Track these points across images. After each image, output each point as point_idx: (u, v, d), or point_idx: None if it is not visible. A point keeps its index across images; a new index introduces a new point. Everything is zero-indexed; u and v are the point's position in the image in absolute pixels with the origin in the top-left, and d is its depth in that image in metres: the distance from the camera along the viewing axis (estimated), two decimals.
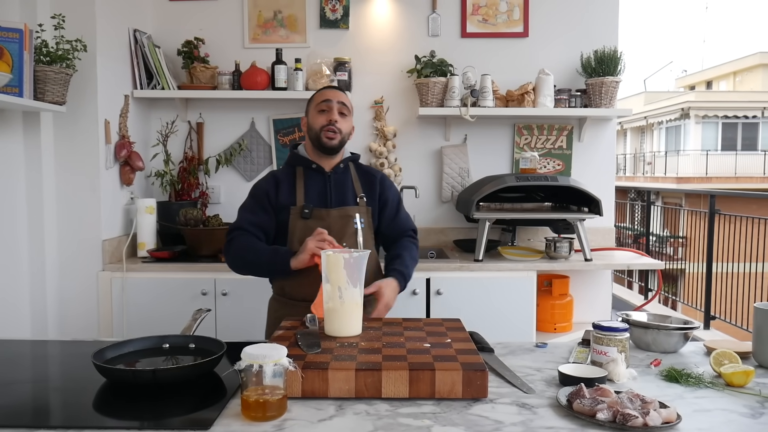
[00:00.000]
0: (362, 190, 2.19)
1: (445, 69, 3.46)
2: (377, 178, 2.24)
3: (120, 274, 3.03)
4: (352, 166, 2.25)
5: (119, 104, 3.22)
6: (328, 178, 2.16)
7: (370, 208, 2.19)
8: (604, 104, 3.44)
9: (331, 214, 2.12)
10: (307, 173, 2.18)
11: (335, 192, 2.15)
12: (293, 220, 2.11)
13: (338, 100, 2.14)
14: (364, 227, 2.10)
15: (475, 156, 3.64)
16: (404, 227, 2.28)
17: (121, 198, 3.24)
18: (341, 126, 2.13)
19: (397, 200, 2.28)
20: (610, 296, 3.71)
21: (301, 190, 2.14)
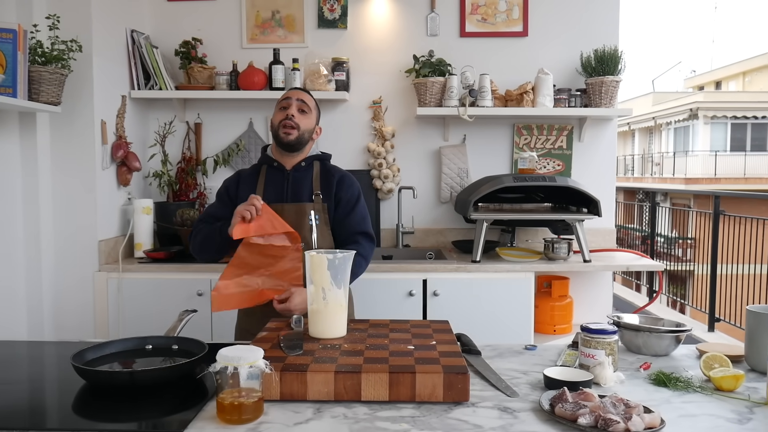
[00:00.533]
0: (320, 188, 2.24)
1: (444, 69, 3.44)
2: (335, 176, 2.27)
3: (116, 274, 3.03)
4: (318, 165, 2.30)
5: (116, 105, 3.22)
6: (287, 175, 2.24)
7: (326, 205, 2.23)
8: (604, 104, 3.40)
9: (285, 209, 2.18)
10: (269, 171, 2.27)
11: (292, 189, 2.22)
12: None
13: (297, 98, 2.23)
14: (319, 224, 2.18)
15: (475, 156, 3.62)
16: (353, 229, 2.25)
17: (118, 198, 3.24)
18: (299, 121, 2.19)
19: (354, 200, 2.27)
20: (611, 298, 3.68)
21: (261, 186, 2.24)
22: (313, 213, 2.18)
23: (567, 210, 3.33)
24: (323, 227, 2.21)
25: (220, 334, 3.01)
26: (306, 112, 2.22)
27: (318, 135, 2.32)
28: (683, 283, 9.58)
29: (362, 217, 2.27)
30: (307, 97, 2.27)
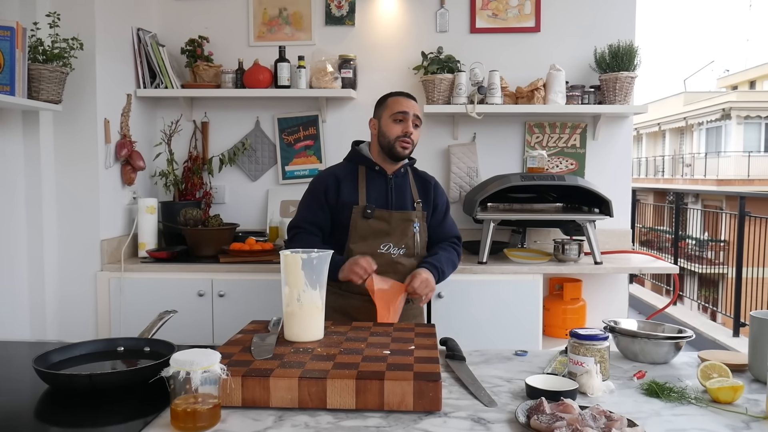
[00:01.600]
0: (419, 195, 2.33)
1: (453, 65, 3.35)
2: (432, 184, 2.39)
3: (118, 274, 3.01)
4: (410, 171, 2.38)
5: (121, 103, 3.20)
6: (390, 181, 2.28)
7: (425, 213, 2.33)
8: (618, 100, 3.28)
9: (393, 216, 2.24)
10: (369, 174, 2.29)
11: (396, 195, 2.28)
12: (355, 218, 2.22)
13: (414, 113, 2.26)
14: (418, 230, 2.28)
15: (485, 155, 3.53)
16: (448, 233, 2.41)
17: (122, 198, 3.23)
18: (415, 138, 2.27)
19: (446, 207, 2.42)
20: (626, 301, 3.55)
21: (363, 189, 2.25)
22: (417, 220, 2.27)
23: (578, 210, 3.22)
24: (422, 233, 2.31)
25: (220, 336, 2.98)
26: (418, 126, 2.29)
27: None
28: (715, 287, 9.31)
29: (452, 221, 2.45)
30: (419, 110, 2.30)
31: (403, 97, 2.30)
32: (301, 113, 3.55)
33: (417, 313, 2.39)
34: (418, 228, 2.27)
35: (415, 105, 2.30)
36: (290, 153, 3.57)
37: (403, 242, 2.24)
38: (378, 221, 2.23)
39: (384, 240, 2.23)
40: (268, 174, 3.60)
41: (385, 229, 2.22)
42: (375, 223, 2.22)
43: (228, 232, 3.24)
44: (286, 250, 1.49)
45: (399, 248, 2.24)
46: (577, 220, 3.01)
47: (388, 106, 2.28)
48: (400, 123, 2.23)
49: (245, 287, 2.97)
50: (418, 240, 2.28)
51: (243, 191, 3.60)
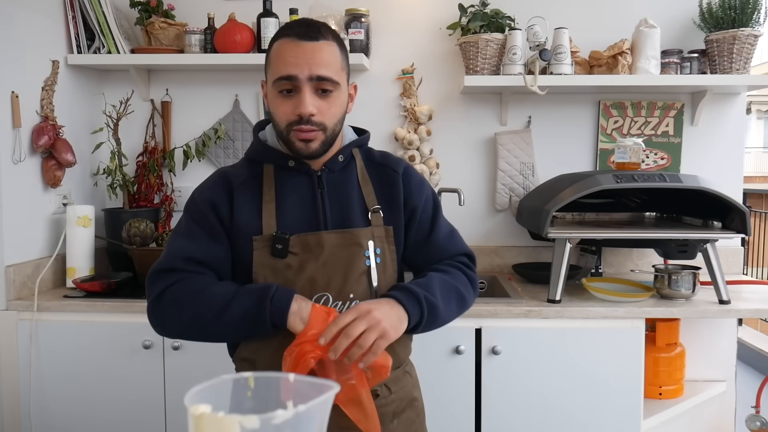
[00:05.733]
0: (378, 197, 1.32)
1: (503, 22, 2.42)
2: (399, 173, 1.35)
3: (29, 315, 2.09)
4: (359, 155, 1.36)
5: (42, 73, 2.28)
6: (318, 181, 1.29)
7: (391, 228, 1.31)
8: (735, 69, 2.35)
9: (326, 244, 1.25)
10: (282, 176, 1.29)
11: (332, 203, 1.29)
12: (259, 257, 1.24)
13: (311, 74, 1.19)
14: (380, 262, 1.29)
15: (543, 146, 2.60)
16: (444, 251, 1.38)
17: (43, 205, 2.31)
18: (324, 116, 1.22)
19: (432, 207, 1.38)
20: (735, 345, 2.60)
21: (270, 205, 1.27)
22: (372, 245, 1.28)
23: (682, 223, 2.29)
24: (387, 265, 1.30)
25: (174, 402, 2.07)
26: (330, 91, 1.21)
27: (353, 100, 1.33)
28: None
29: (449, 231, 1.41)
30: (326, 56, 1.21)
31: (291, 40, 1.20)
32: None
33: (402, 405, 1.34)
34: (378, 256, 1.28)
35: (325, 48, 1.21)
36: None
37: (350, 288, 1.25)
38: (299, 256, 1.23)
39: (315, 289, 1.24)
40: None
41: (314, 268, 1.23)
42: (294, 260, 1.23)
43: None
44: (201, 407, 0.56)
45: (347, 301, 1.25)
46: (694, 239, 2.07)
47: (270, 61, 1.25)
48: (289, 97, 1.21)
49: None
50: (381, 278, 1.27)
51: None
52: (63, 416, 2.10)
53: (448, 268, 1.34)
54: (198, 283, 1.22)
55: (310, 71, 1.18)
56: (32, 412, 2.09)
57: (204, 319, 1.19)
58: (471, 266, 1.39)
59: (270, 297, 1.16)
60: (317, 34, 1.21)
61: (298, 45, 1.19)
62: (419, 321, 1.22)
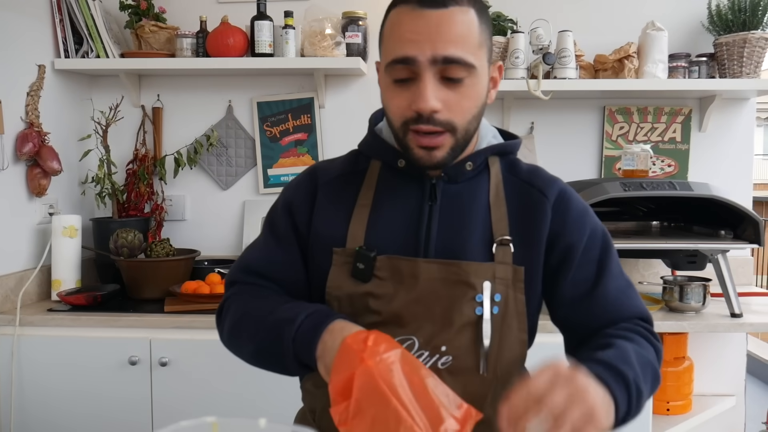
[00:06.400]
0: (509, 225, 1.00)
1: (505, 25, 2.35)
2: (548, 198, 1.01)
3: (11, 329, 2.00)
4: (498, 166, 1.04)
5: (27, 78, 2.20)
6: (431, 191, 1.01)
7: (522, 269, 0.98)
8: (746, 73, 2.27)
9: (422, 275, 0.96)
10: (388, 178, 1.04)
11: (441, 223, 1.00)
12: (336, 276, 0.99)
13: (435, 55, 0.90)
14: (498, 313, 0.96)
15: (547, 153, 2.52)
16: (618, 313, 1.00)
17: (29, 214, 2.22)
18: (452, 113, 0.92)
19: (600, 251, 1.02)
20: (744, 359, 2.52)
21: (364, 211, 1.01)
22: (488, 287, 0.95)
23: (691, 232, 2.21)
24: (509, 318, 0.98)
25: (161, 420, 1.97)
26: (461, 78, 0.92)
27: (497, 86, 1.04)
28: None
29: (626, 283, 1.03)
30: (457, 28, 0.90)
31: (411, 7, 0.91)
32: (290, 95, 2.54)
33: None
34: (496, 305, 0.95)
35: (457, 17, 0.90)
36: (275, 150, 2.55)
37: (446, 338, 0.95)
38: (387, 283, 0.97)
39: (397, 330, 0.95)
40: (245, 180, 2.58)
41: (403, 303, 0.96)
42: (381, 288, 0.97)
43: (182, 264, 2.24)
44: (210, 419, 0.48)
45: (436, 354, 0.95)
46: (705, 249, 1.98)
47: (384, 36, 0.98)
48: (405, 86, 0.93)
49: (199, 351, 1.96)
50: (496, 336, 0.96)
51: (210, 204, 2.59)
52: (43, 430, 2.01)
53: (633, 336, 0.95)
54: (249, 300, 1.03)
55: (434, 51, 0.89)
56: (13, 428, 2.00)
57: (241, 347, 1.01)
58: (653, 333, 1.00)
59: (292, 336, 0.90)
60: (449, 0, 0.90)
61: (420, 15, 0.90)
62: (626, 413, 0.85)
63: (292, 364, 0.91)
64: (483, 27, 0.93)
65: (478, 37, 0.92)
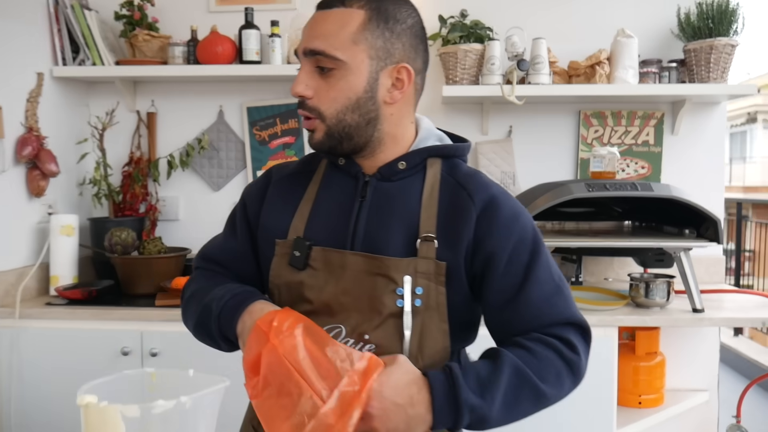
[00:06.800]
0: (437, 223, 1.03)
1: (482, 32, 2.45)
2: (475, 203, 1.04)
3: (10, 322, 2.12)
4: (439, 168, 1.08)
5: (26, 85, 2.32)
6: (363, 188, 1.08)
7: (444, 265, 1.01)
8: (713, 78, 2.36)
9: (349, 266, 1.02)
10: (332, 174, 1.12)
11: (369, 218, 1.05)
12: (277, 265, 1.07)
13: (306, 47, 1.01)
14: (421, 305, 1.00)
15: (524, 155, 2.61)
16: (538, 320, 1.02)
17: (29, 214, 2.34)
18: (320, 100, 1.02)
19: (528, 255, 1.03)
20: (717, 354, 2.60)
21: (306, 206, 1.09)
22: (410, 282, 1.00)
23: (661, 232, 2.30)
24: (433, 311, 1.01)
25: None
26: (329, 69, 1.00)
27: (403, 88, 1.04)
28: None
29: (554, 288, 1.04)
30: (330, 26, 1.00)
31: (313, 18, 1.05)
32: (278, 100, 2.65)
33: None
34: (417, 297, 1.00)
35: (333, 16, 1.01)
36: (264, 153, 2.67)
37: (369, 327, 1.00)
38: (321, 274, 1.04)
39: (330, 317, 1.02)
40: (236, 181, 2.69)
41: (333, 293, 1.02)
42: (315, 278, 1.04)
43: (173, 261, 2.35)
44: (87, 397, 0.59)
45: (361, 342, 1.01)
46: (666, 247, 2.08)
47: None
48: None
49: (187, 343, 2.06)
50: (418, 328, 1.00)
51: (202, 204, 2.70)
52: (41, 420, 2.12)
53: (536, 347, 0.99)
54: (199, 282, 1.15)
55: (305, 44, 1.01)
56: (12, 415, 2.12)
57: (188, 323, 1.13)
58: (573, 345, 1.01)
59: (217, 314, 1.03)
60: (335, 1, 1.02)
61: (314, 16, 1.04)
62: (451, 428, 0.94)
63: (220, 339, 1.04)
64: (371, 29, 1.00)
65: (356, 36, 1.00)
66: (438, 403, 0.90)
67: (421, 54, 1.08)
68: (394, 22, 1.02)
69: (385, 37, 1.01)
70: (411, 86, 1.05)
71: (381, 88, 1.03)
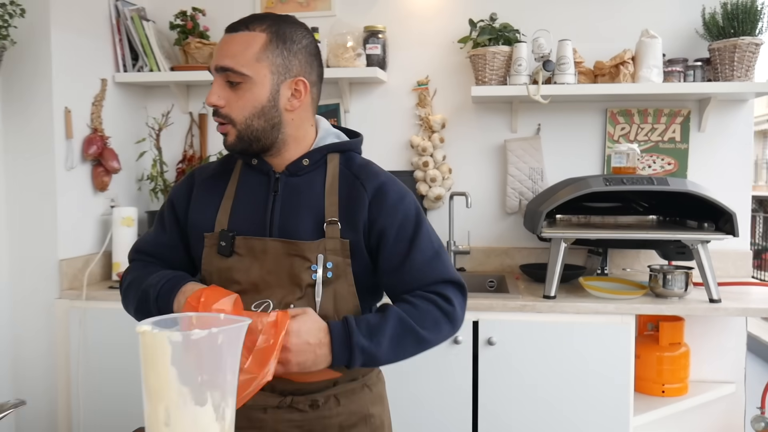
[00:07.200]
0: (339, 209, 1.23)
1: (510, 35, 2.57)
2: (366, 191, 1.24)
3: (79, 303, 2.37)
4: (337, 161, 1.27)
5: (92, 90, 2.57)
6: (275, 183, 1.26)
7: (347, 242, 1.22)
8: (737, 76, 2.42)
9: (270, 250, 1.21)
10: (247, 173, 1.29)
11: (282, 209, 1.23)
12: (207, 255, 1.25)
13: (217, 64, 1.18)
14: (331, 276, 1.20)
15: (552, 152, 2.72)
16: (421, 280, 1.23)
17: (93, 207, 2.59)
18: (231, 109, 1.18)
19: (413, 231, 1.24)
20: (744, 347, 2.65)
21: (228, 202, 1.26)
22: (322, 258, 1.20)
23: (683, 226, 2.38)
24: (340, 283, 1.22)
25: None
26: (237, 83, 1.17)
27: (302, 96, 1.22)
28: None
29: (433, 254, 1.24)
30: (235, 46, 1.18)
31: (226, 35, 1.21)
32: (319, 101, 2.83)
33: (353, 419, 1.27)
34: (329, 270, 1.20)
35: (237, 39, 1.18)
36: None
37: (292, 298, 1.20)
38: (246, 259, 1.22)
39: (258, 295, 1.21)
40: None
41: (259, 274, 1.21)
42: (241, 263, 1.22)
43: None
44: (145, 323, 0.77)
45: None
46: (684, 240, 2.17)
47: None
48: None
49: None
50: (330, 293, 1.21)
51: None
52: (105, 386, 2.37)
53: (417, 301, 1.20)
54: (135, 272, 1.31)
55: (216, 62, 1.18)
56: (80, 382, 2.37)
57: (129, 308, 1.30)
58: (448, 298, 1.21)
59: (155, 296, 1.20)
60: (240, 25, 1.19)
61: (223, 38, 1.21)
62: (346, 365, 1.13)
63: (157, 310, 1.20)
64: (272, 49, 1.18)
65: (259, 54, 1.17)
66: (336, 345, 1.10)
67: (315, 68, 1.25)
68: (291, 42, 1.19)
69: (283, 56, 1.19)
70: (308, 95, 1.22)
71: (282, 98, 1.20)
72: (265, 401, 1.20)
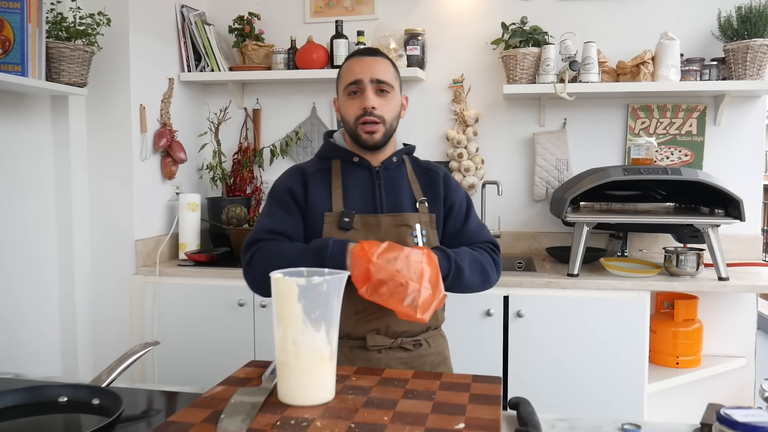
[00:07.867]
0: (424, 192, 1.63)
1: (539, 37, 2.81)
2: (440, 175, 1.66)
3: (153, 278, 2.68)
4: (408, 160, 1.67)
5: (161, 88, 2.88)
6: (377, 175, 1.60)
7: (433, 216, 1.61)
8: (749, 75, 2.63)
9: (382, 223, 1.54)
10: (347, 169, 1.60)
11: (387, 193, 1.58)
12: (328, 230, 1.52)
13: (372, 78, 1.52)
14: (425, 242, 1.55)
15: (577, 145, 2.96)
16: (475, 239, 1.64)
17: (162, 193, 2.90)
18: (383, 111, 1.53)
19: (466, 205, 1.68)
20: (755, 323, 2.88)
21: (338, 189, 1.56)
22: (419, 227, 1.56)
23: (696, 212, 2.61)
24: (430, 244, 1.57)
25: (263, 353, 2.59)
26: (387, 92, 1.54)
27: (405, 109, 1.67)
28: None
29: (479, 224, 1.69)
30: (382, 66, 1.55)
31: (356, 58, 1.57)
32: None
33: (438, 359, 1.61)
34: (423, 236, 1.55)
35: (376, 62, 1.55)
36: None
37: None
38: (361, 232, 1.52)
39: None
40: None
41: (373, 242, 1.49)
42: (357, 234, 1.51)
43: None
44: (276, 272, 1.05)
45: None
46: (695, 224, 2.40)
47: (340, 76, 1.60)
48: (356, 98, 1.53)
49: None
50: None
51: None
52: (177, 353, 2.68)
53: (478, 249, 1.60)
54: (275, 246, 1.48)
55: (371, 75, 1.52)
56: (155, 350, 2.69)
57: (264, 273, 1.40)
58: (496, 252, 1.64)
59: (329, 254, 1.40)
60: (375, 53, 1.59)
61: (362, 60, 1.55)
62: (446, 274, 1.45)
63: None
64: (395, 72, 1.59)
65: (393, 74, 1.58)
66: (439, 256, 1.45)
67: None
68: (397, 70, 1.64)
69: (399, 79, 1.62)
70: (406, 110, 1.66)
71: (401, 109, 1.63)
72: (382, 342, 1.51)
